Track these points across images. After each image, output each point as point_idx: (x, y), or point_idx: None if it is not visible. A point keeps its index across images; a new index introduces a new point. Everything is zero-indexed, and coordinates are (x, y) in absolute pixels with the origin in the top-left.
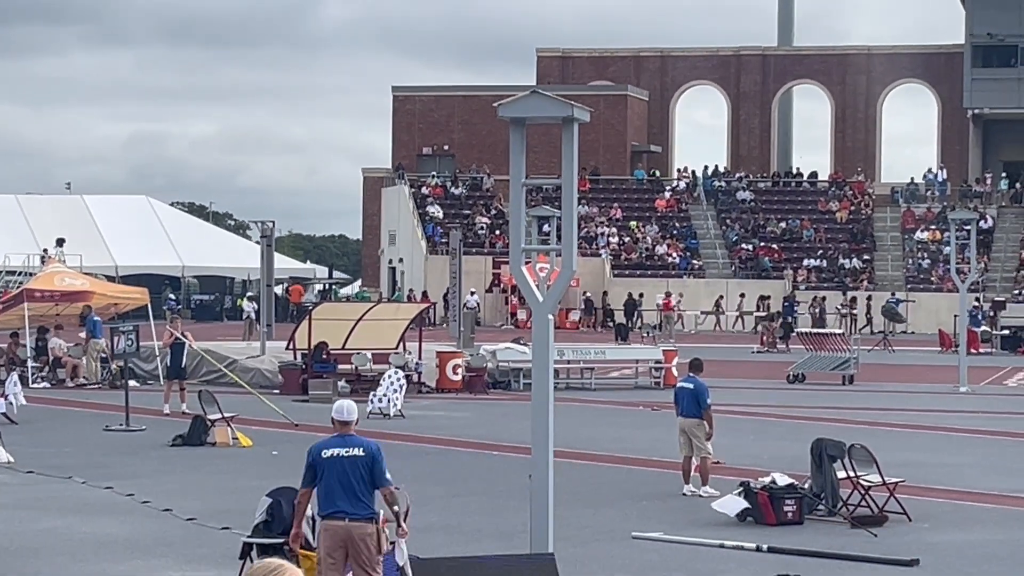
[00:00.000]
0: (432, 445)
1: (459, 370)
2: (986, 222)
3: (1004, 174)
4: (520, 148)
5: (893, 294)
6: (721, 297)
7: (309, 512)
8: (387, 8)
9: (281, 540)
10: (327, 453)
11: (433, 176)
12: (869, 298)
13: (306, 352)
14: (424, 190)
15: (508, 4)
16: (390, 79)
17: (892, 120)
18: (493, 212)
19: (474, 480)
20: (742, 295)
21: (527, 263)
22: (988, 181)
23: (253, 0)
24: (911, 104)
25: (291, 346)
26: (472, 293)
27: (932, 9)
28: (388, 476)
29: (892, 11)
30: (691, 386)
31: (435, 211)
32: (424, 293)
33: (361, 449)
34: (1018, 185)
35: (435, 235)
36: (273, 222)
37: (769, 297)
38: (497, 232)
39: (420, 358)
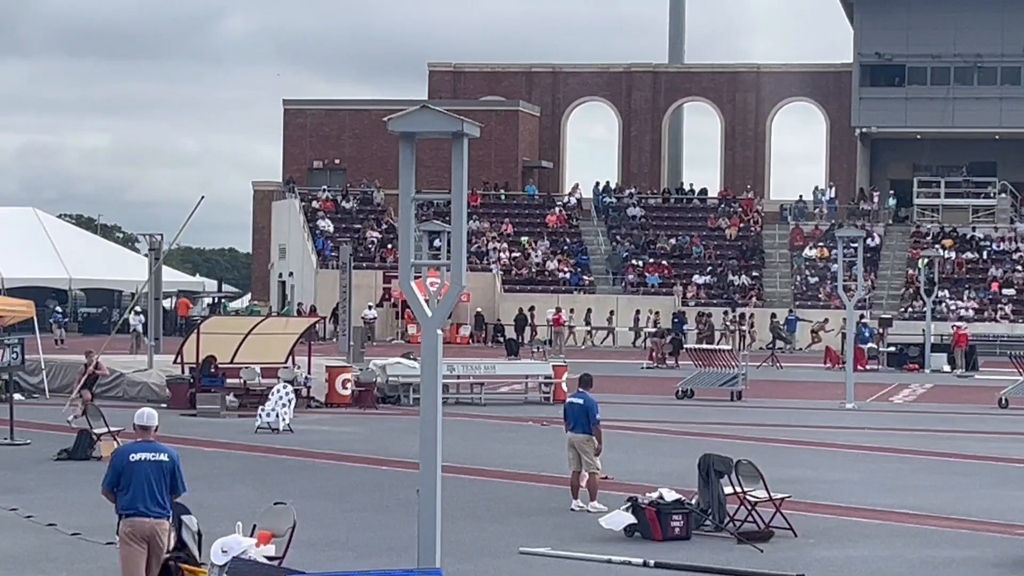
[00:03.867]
0: (321, 460)
1: (348, 385)
2: (873, 240)
3: (891, 192)
4: (409, 163)
5: (791, 311)
6: (590, 310)
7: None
8: (285, 22)
9: (170, 555)
10: (135, 457)
11: (324, 190)
12: (773, 315)
13: (194, 366)
14: (315, 204)
15: (403, 19)
16: (285, 93)
17: (781, 138)
18: (384, 226)
19: (363, 495)
20: (650, 312)
21: (416, 278)
22: (875, 199)
23: (152, 12)
24: (800, 122)
25: (179, 360)
26: (370, 307)
27: (822, 29)
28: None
29: (783, 30)
30: (580, 401)
31: (325, 225)
32: (313, 307)
33: (166, 455)
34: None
35: (325, 249)
36: (161, 235)
37: (658, 313)
38: (388, 246)
39: (309, 372)
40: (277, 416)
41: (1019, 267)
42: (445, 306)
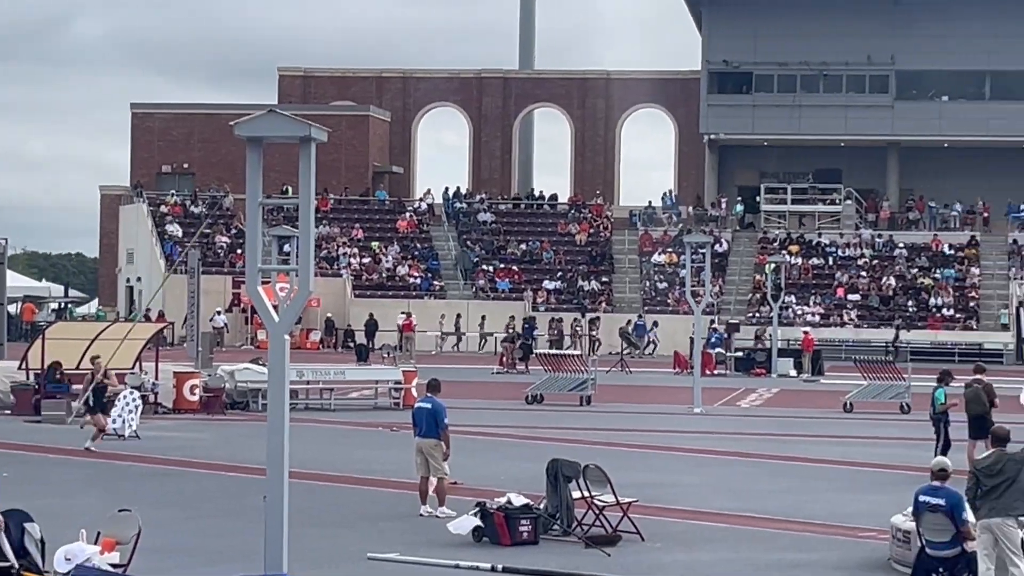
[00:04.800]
0: (168, 467)
1: (196, 391)
2: (721, 245)
3: (739, 198)
4: (257, 167)
5: (640, 316)
6: (443, 316)
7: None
8: (134, 26)
9: (8, 564)
10: None
11: (172, 195)
12: (629, 321)
13: (39, 372)
14: (163, 208)
15: (253, 23)
16: (136, 96)
17: (631, 144)
18: (233, 231)
19: (211, 502)
20: (511, 317)
21: (265, 283)
22: (723, 205)
23: (2, 15)
24: (649, 129)
25: (24, 366)
26: (219, 312)
27: (671, 36)
28: None
29: (633, 37)
30: (429, 406)
31: (174, 230)
32: (161, 313)
33: None
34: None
35: (174, 254)
36: (6, 239)
37: (513, 318)
38: (237, 251)
39: (157, 378)
40: (124, 422)
41: (864, 273)
42: (292, 311)
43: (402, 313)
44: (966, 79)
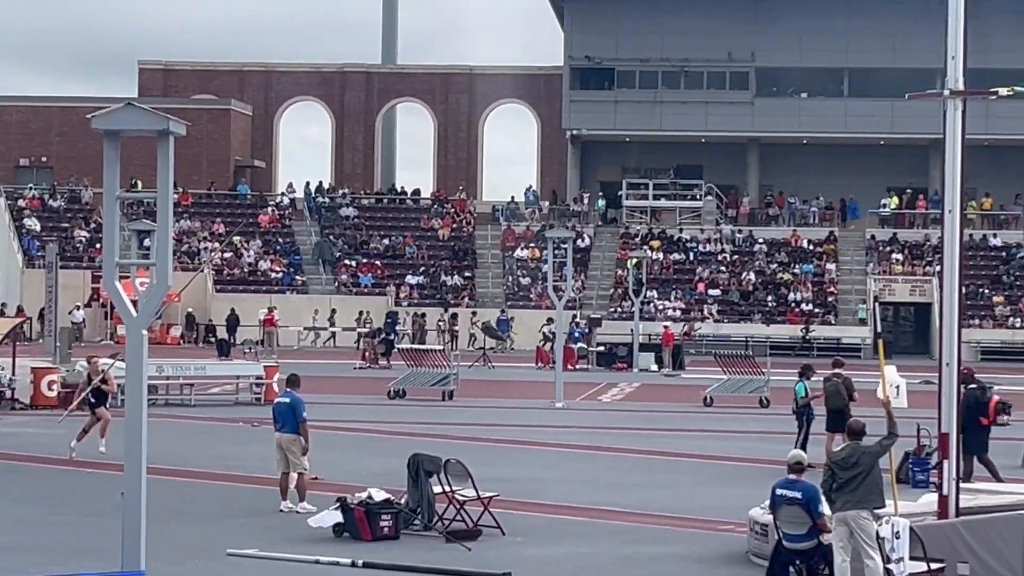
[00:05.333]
0: (26, 463)
1: (54, 386)
2: (583, 241)
3: (601, 194)
4: (114, 161)
5: (503, 311)
6: (316, 312)
7: None
8: None
9: None
10: None
11: (30, 188)
12: (473, 313)
13: None
14: (21, 202)
15: (114, 16)
16: None
17: (494, 139)
18: (92, 226)
19: (69, 498)
20: (366, 312)
21: (124, 278)
22: (586, 200)
23: None
24: (512, 124)
25: None
26: (78, 307)
27: (534, 32)
28: None
29: (496, 33)
30: (288, 401)
31: (32, 224)
32: (19, 308)
33: None
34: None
35: (32, 249)
36: None
37: (368, 313)
38: (97, 246)
39: (14, 374)
40: None
41: (724, 268)
42: (150, 306)
43: (265, 309)
44: (825, 76)
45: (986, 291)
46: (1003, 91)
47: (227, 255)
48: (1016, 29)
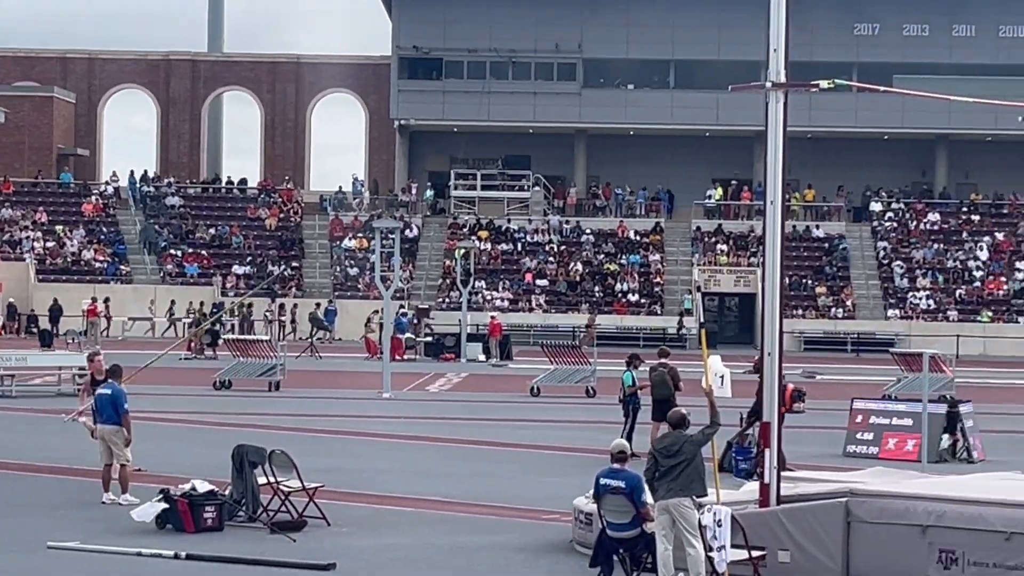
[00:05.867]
0: None
1: None
2: (412, 231)
3: (429, 184)
4: None
5: (331, 301)
6: (152, 302)
7: None
8: None
9: None
10: None
11: None
12: (296, 306)
13: None
14: None
15: None
16: None
17: (322, 129)
18: None
19: None
20: (172, 301)
21: None
22: (414, 191)
23: None
24: (340, 114)
25: None
26: None
27: (363, 21)
28: None
29: (325, 22)
30: (109, 392)
31: None
32: None
33: None
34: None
35: None
36: None
37: (203, 303)
38: None
39: None
40: None
41: (552, 259)
42: None
43: (89, 299)
44: (651, 68)
45: (809, 282)
46: (824, 84)
47: (49, 244)
48: (838, 23)
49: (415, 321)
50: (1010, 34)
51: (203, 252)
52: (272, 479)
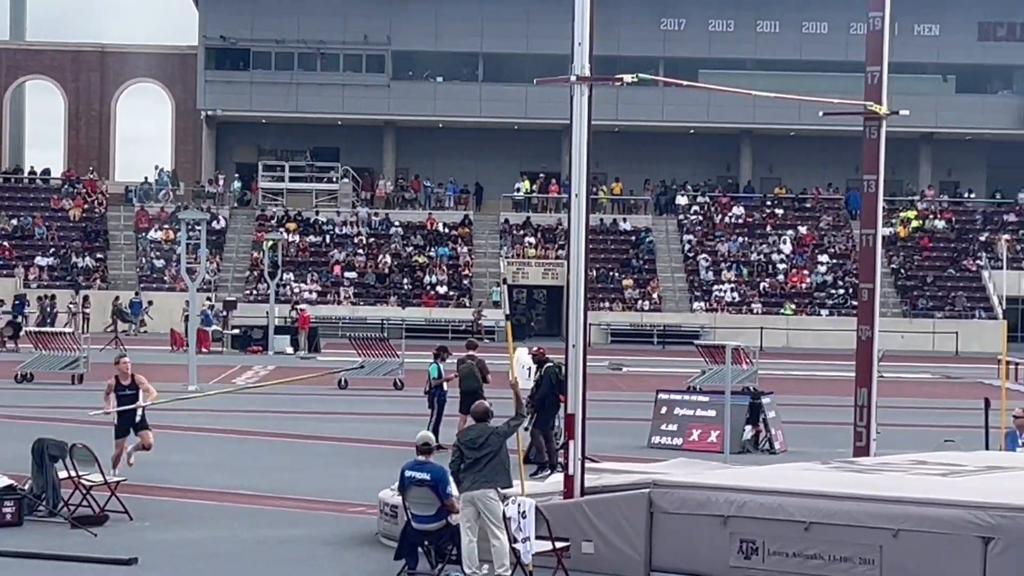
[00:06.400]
0: None
1: None
2: (219, 223)
3: (237, 175)
4: None
5: (137, 294)
6: None
7: None
8: None
9: None
10: None
11: None
12: (117, 298)
13: None
14: None
15: None
16: None
17: (127, 119)
18: None
19: None
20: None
21: None
22: (221, 182)
23: None
24: (146, 104)
25: None
26: None
27: (170, 11)
28: None
29: (133, 11)
30: None
31: None
32: None
33: None
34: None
35: None
36: None
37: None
38: None
39: None
40: None
41: (361, 251)
42: None
43: None
44: (460, 61)
45: (616, 274)
46: (628, 78)
47: None
48: (644, 18)
49: (223, 313)
50: (813, 30)
51: (4, 243)
52: (73, 473)
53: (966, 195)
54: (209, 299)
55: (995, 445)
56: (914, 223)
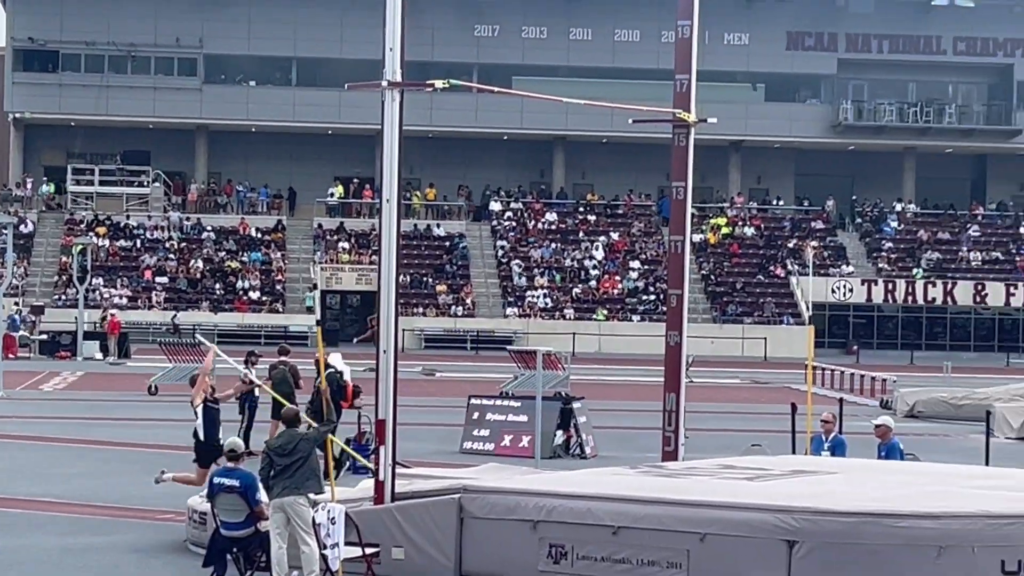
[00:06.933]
0: None
1: None
2: (26, 226)
3: (45, 179)
4: None
5: None
6: None
7: None
8: None
9: None
10: None
11: None
12: None
13: None
14: None
15: None
16: None
17: None
18: None
19: None
20: None
21: None
22: (29, 186)
23: None
24: None
25: None
26: None
27: None
28: None
29: None
30: None
31: None
32: None
33: None
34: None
35: None
36: None
37: None
38: None
39: None
40: None
41: (172, 256)
42: None
43: None
44: (273, 65)
45: (430, 280)
46: (439, 84)
47: None
48: (458, 24)
49: (31, 319)
50: (626, 38)
51: None
52: None
53: (774, 202)
54: (17, 304)
55: (801, 449)
56: (724, 230)
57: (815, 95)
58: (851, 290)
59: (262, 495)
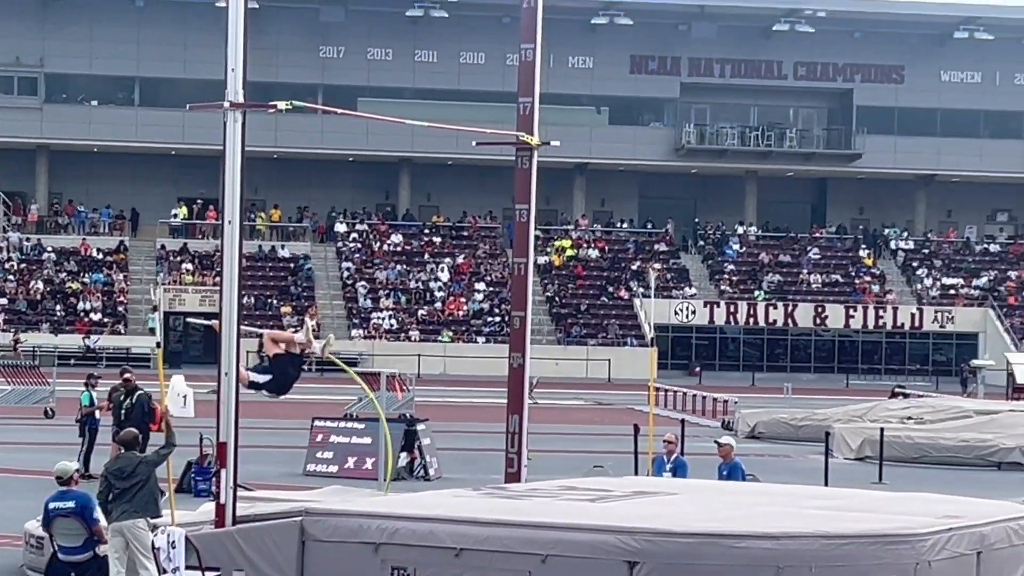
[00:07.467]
0: None
1: None
2: None
3: None
4: None
5: None
6: None
7: None
8: None
9: None
10: None
11: None
12: None
13: None
14: None
15: None
16: None
17: None
18: None
19: None
20: None
21: None
22: None
23: None
24: None
25: None
26: None
27: None
28: None
29: None
30: None
31: None
32: None
33: None
34: None
35: None
36: None
37: None
38: None
39: None
40: None
41: (12, 276)
42: None
43: None
44: (116, 84)
45: (274, 301)
46: (282, 105)
47: None
48: (303, 45)
49: None
50: (470, 61)
51: None
52: None
53: (618, 224)
54: None
55: (644, 470)
56: (568, 252)
57: (658, 118)
58: (694, 312)
59: (99, 515)
